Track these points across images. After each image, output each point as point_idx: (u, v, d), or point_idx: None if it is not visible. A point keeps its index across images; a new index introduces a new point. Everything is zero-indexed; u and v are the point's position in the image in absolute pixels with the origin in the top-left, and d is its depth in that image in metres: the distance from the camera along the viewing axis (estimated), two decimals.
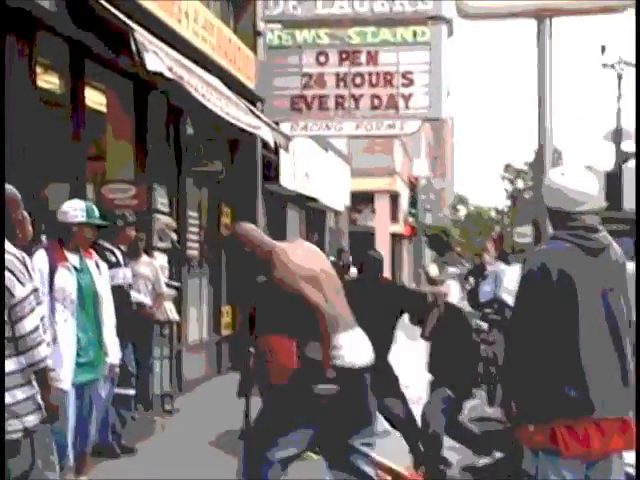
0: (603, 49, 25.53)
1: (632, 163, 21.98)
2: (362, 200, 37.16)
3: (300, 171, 17.98)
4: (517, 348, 4.34)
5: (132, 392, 8.39)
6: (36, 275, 4.35)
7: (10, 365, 4.08)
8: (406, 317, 7.70)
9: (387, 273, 31.65)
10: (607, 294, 4.29)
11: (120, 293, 7.40)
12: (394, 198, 43.68)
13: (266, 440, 4.99)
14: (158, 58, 7.66)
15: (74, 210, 6.07)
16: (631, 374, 4.31)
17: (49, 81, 8.95)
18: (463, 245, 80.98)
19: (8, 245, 4.19)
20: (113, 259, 7.72)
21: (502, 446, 7.19)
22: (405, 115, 13.61)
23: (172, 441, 8.77)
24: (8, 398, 4.04)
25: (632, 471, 6.07)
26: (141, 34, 7.61)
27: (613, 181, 18.95)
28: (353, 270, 20.89)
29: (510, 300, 12.67)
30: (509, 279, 13.61)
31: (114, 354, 6.36)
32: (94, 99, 9.95)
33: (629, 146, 23.70)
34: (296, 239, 5.31)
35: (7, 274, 4.09)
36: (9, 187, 4.40)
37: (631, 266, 4.70)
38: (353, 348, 4.96)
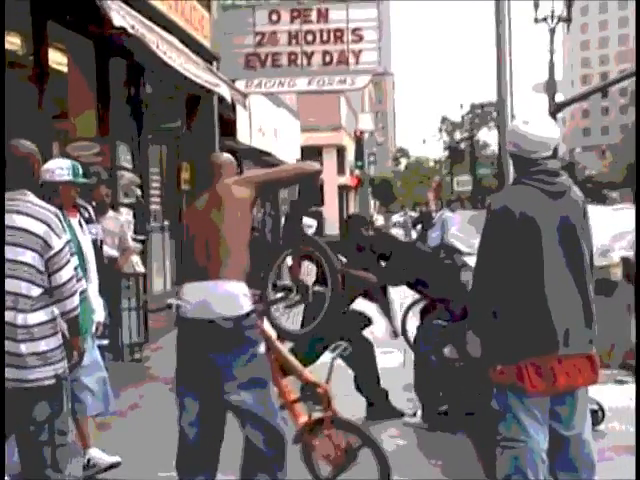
0: (537, 5, 25.42)
1: (561, 114, 22.03)
2: (311, 154, 37.06)
3: (255, 127, 17.82)
4: (482, 290, 4.26)
5: (105, 342, 8.22)
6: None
7: (44, 315, 4.03)
8: None
9: (335, 223, 31.65)
10: (568, 235, 4.22)
11: (94, 248, 7.20)
12: (341, 151, 43.68)
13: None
14: (121, 16, 7.45)
15: (60, 169, 5.73)
16: (593, 315, 4.26)
17: (12, 42, 8.65)
18: (405, 195, 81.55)
19: (39, 201, 4.12)
20: (86, 215, 7.50)
21: (459, 384, 7.16)
22: (355, 70, 13.51)
23: (143, 388, 8.63)
24: (43, 346, 3.99)
25: (595, 407, 6.11)
26: None
27: None
28: (306, 220, 20.63)
29: (458, 244, 12.72)
30: (454, 225, 13.68)
31: (100, 312, 6.14)
32: (56, 59, 9.68)
33: (560, 97, 23.76)
34: (232, 178, 4.84)
35: (44, 227, 4.02)
36: (26, 143, 4.23)
37: (591, 208, 4.63)
38: (188, 298, 4.54)
